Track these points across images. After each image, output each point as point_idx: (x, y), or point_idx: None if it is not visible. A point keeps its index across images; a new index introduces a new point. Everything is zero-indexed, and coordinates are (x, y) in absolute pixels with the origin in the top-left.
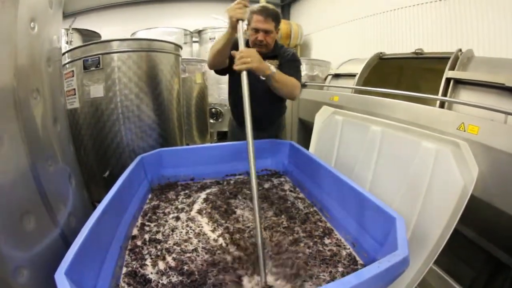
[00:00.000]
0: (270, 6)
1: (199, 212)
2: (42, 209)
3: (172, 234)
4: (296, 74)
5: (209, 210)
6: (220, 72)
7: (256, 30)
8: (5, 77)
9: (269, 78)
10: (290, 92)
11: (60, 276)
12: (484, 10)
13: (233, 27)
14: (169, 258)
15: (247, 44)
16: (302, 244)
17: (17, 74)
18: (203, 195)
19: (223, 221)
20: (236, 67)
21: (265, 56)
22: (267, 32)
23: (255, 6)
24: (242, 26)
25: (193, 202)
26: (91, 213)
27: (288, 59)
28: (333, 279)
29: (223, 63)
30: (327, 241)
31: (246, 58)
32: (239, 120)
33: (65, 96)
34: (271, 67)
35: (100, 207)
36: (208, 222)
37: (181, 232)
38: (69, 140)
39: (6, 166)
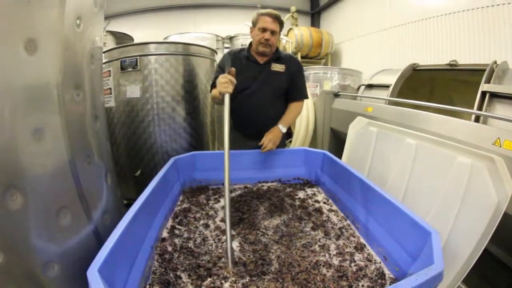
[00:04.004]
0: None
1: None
2: (78, 205)
3: (204, 244)
4: (303, 86)
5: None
6: None
7: (264, 30)
8: (50, 72)
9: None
10: (297, 117)
11: (93, 273)
12: None
13: (222, 97)
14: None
15: (247, 51)
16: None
17: (62, 70)
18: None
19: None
20: (265, 149)
21: (271, 59)
22: (273, 33)
23: (262, 10)
24: (228, 98)
25: (222, 207)
26: (123, 211)
27: (297, 70)
28: None
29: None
30: (357, 257)
31: (272, 141)
32: (242, 131)
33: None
34: (281, 129)
35: (135, 207)
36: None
37: (211, 244)
38: (107, 138)
39: (46, 160)
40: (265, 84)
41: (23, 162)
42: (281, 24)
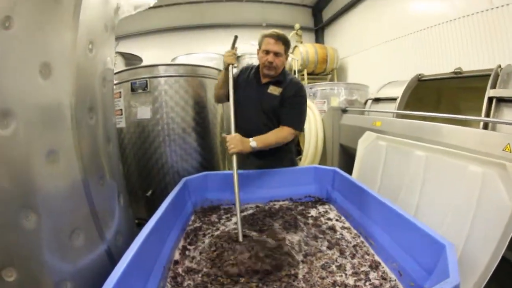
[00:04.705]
0: (280, 31)
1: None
2: (91, 225)
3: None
4: (294, 115)
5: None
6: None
7: (267, 52)
8: (64, 95)
9: (255, 149)
10: (280, 144)
11: None
12: None
13: (226, 68)
14: None
15: (257, 69)
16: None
17: (75, 93)
18: (241, 216)
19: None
20: (229, 152)
21: (270, 81)
22: (277, 54)
23: (266, 31)
24: (232, 69)
25: (234, 224)
26: (135, 231)
27: (293, 95)
28: None
29: (224, 97)
30: (372, 275)
31: (230, 144)
32: None
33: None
34: (250, 142)
35: (147, 228)
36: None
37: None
38: (119, 159)
39: (60, 181)
40: (258, 105)
41: (38, 183)
42: (286, 44)
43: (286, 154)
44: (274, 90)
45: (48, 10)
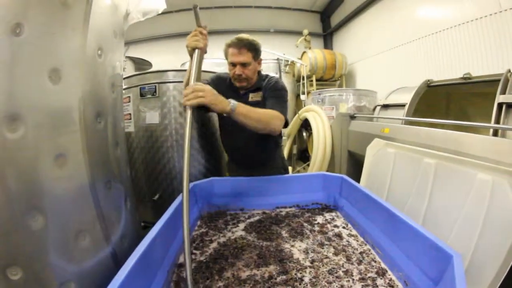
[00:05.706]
0: (245, 36)
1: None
2: (97, 228)
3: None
4: (277, 104)
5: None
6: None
7: (233, 65)
8: (73, 101)
9: (233, 115)
10: (265, 125)
11: None
12: None
13: (190, 55)
14: None
15: (229, 81)
16: None
17: (84, 99)
18: (248, 222)
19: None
20: (186, 102)
21: (249, 90)
22: (244, 65)
23: (230, 40)
24: (197, 55)
25: (242, 230)
26: (141, 235)
27: (269, 88)
28: None
29: None
30: (379, 281)
31: (198, 92)
32: (235, 161)
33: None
34: (231, 102)
35: (153, 232)
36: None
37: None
38: (127, 163)
39: (68, 184)
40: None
41: (45, 186)
42: (252, 49)
43: (277, 161)
44: (255, 96)
45: (58, 17)
